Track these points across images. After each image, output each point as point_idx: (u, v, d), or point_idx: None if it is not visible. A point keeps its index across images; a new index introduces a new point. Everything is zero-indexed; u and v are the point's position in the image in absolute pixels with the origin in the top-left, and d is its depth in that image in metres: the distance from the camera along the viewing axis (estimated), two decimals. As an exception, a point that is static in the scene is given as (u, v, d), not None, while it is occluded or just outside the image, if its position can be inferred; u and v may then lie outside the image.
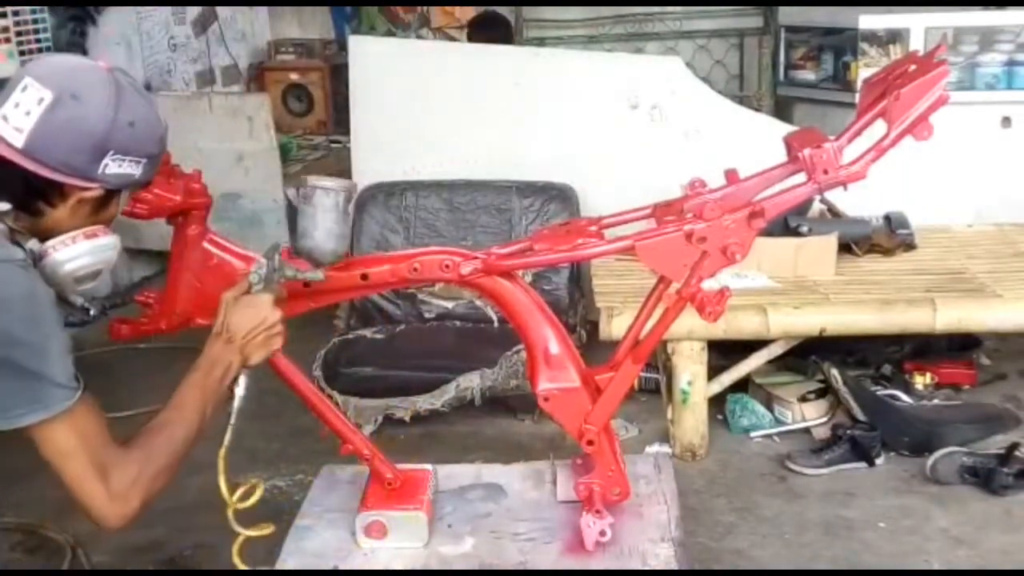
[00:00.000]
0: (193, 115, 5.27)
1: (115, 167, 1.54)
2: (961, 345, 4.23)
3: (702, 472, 3.62)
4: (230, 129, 5.23)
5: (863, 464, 3.56)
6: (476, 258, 1.95)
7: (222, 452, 1.79)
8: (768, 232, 3.08)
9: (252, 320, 1.73)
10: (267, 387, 1.91)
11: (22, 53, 4.34)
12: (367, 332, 4.31)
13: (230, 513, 1.83)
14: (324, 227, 1.79)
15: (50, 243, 1.58)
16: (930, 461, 3.46)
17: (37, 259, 1.57)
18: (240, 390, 1.77)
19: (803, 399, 3.87)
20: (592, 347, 3.78)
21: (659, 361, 4.05)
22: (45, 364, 1.49)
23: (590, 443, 2.04)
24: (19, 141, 1.49)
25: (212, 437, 1.74)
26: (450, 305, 4.44)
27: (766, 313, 3.57)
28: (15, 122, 1.49)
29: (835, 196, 3.47)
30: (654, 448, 3.67)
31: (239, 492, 1.84)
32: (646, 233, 1.91)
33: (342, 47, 6.55)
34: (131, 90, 1.57)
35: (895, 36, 5.16)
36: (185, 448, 1.66)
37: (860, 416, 3.71)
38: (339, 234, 1.82)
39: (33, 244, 1.57)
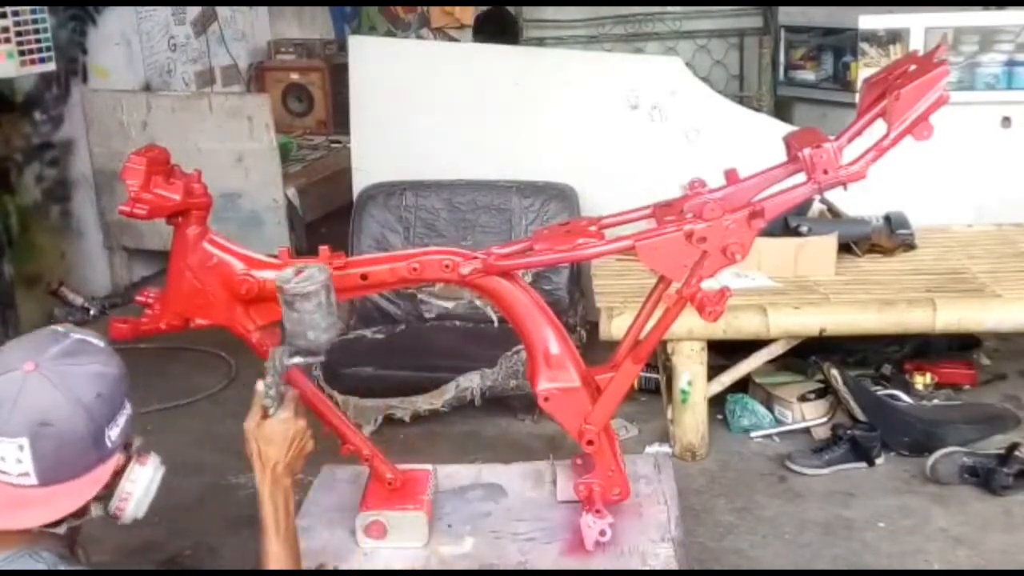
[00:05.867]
0: (193, 115, 5.28)
1: (115, 430, 1.54)
2: (961, 345, 4.23)
3: (702, 472, 3.61)
4: (230, 129, 5.24)
5: (863, 464, 3.56)
6: (476, 258, 1.95)
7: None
8: (768, 232, 3.09)
9: (284, 443, 1.75)
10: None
11: (22, 53, 4.33)
12: (367, 332, 4.31)
13: None
14: (312, 326, 1.75)
15: (113, 506, 1.58)
16: (930, 461, 3.46)
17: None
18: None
19: (803, 399, 3.87)
20: (592, 347, 3.78)
21: (659, 361, 4.05)
22: None
23: (590, 443, 2.04)
24: (34, 480, 1.46)
25: (216, 439, 1.74)
26: (450, 305, 4.44)
27: (766, 313, 3.57)
28: (17, 471, 1.45)
29: (835, 196, 3.48)
30: (654, 448, 3.67)
31: None
32: (646, 233, 1.91)
33: (342, 47, 6.55)
34: (67, 366, 1.49)
35: (895, 36, 5.16)
36: None
37: (860, 416, 3.70)
38: (328, 325, 1.78)
39: (96, 511, 1.57)
